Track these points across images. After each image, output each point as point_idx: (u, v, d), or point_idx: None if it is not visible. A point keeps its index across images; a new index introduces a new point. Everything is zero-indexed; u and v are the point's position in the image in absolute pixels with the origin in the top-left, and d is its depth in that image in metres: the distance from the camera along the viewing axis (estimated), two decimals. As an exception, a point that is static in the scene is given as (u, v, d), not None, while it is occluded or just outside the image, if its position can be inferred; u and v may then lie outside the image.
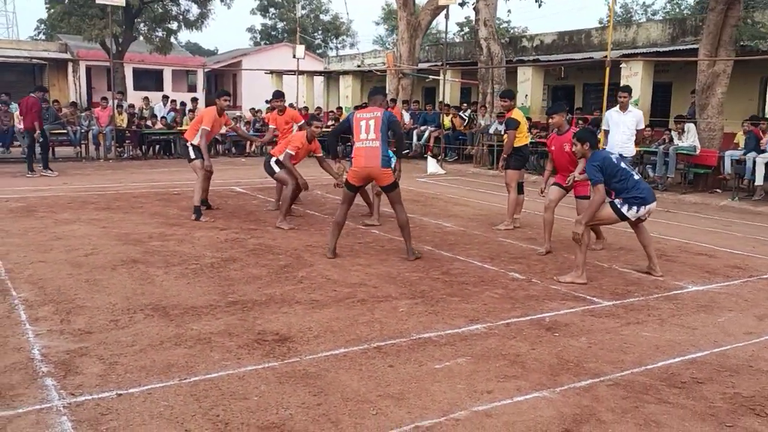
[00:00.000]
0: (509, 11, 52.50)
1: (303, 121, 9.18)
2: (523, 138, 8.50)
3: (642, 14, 48.80)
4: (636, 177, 6.01)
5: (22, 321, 4.46)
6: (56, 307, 4.75)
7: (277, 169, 8.22)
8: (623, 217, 6.03)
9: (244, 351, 4.06)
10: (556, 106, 7.22)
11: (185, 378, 3.62)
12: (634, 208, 5.94)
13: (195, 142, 8.35)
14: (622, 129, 8.94)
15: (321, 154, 8.48)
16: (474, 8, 16.99)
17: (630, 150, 8.99)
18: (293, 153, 8.12)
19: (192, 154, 8.45)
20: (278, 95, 9.42)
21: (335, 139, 7.18)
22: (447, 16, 16.75)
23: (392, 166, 6.56)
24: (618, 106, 8.95)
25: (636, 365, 4.06)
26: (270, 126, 9.69)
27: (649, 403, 3.53)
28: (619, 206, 5.95)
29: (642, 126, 9.03)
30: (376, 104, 6.66)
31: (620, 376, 3.88)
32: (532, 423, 3.27)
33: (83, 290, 5.20)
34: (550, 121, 7.18)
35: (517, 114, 8.41)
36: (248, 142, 16.88)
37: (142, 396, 3.39)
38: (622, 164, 6.03)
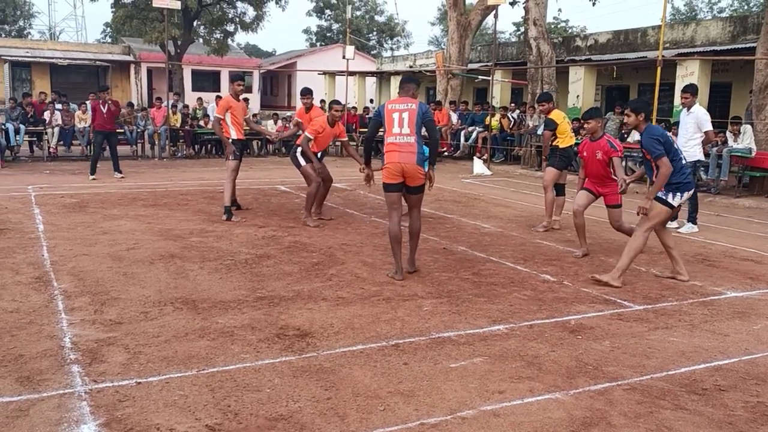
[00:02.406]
0: (560, 10, 51.58)
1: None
2: (567, 139, 8.39)
3: (708, 12, 47.38)
4: (684, 161, 5.90)
5: (59, 310, 4.68)
6: (92, 299, 4.96)
7: (302, 161, 8.15)
8: (671, 207, 5.89)
9: (264, 345, 4.16)
10: (592, 111, 7.08)
11: (203, 369, 3.74)
12: (678, 194, 5.82)
13: (234, 136, 8.39)
14: (682, 131, 8.72)
15: (346, 138, 8.35)
16: (524, 8, 16.80)
17: (689, 154, 8.61)
18: (312, 137, 8.00)
19: (230, 155, 8.45)
20: (306, 92, 9.21)
21: (371, 144, 6.38)
22: (496, 16, 16.64)
23: (425, 167, 6.03)
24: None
25: (658, 370, 3.97)
26: (295, 118, 9.73)
27: (664, 409, 3.45)
28: (664, 197, 5.82)
29: (706, 128, 8.42)
30: (408, 94, 5.93)
31: (639, 381, 3.80)
32: (540, 424, 3.25)
33: (120, 283, 5.41)
34: (586, 125, 7.01)
35: (556, 115, 8.31)
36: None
37: (159, 385, 3.51)
38: (675, 144, 5.96)
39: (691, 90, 8.48)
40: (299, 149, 8.24)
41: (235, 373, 3.71)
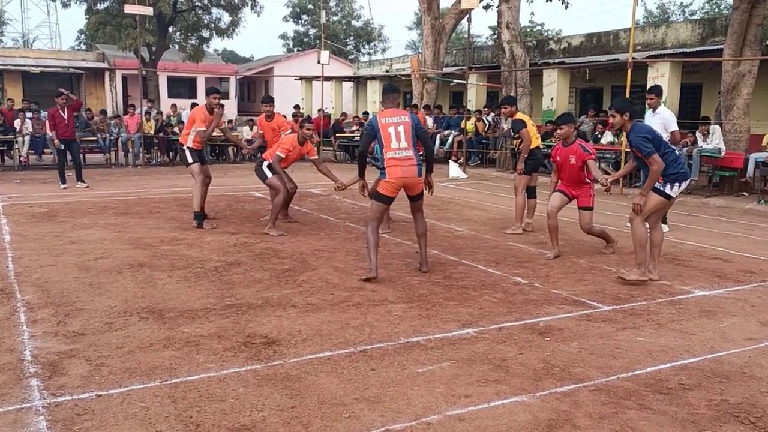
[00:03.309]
0: (532, 13, 52.12)
1: (290, 130, 8.94)
2: (534, 140, 8.43)
3: (680, 14, 47.97)
4: (676, 152, 5.96)
5: (20, 323, 4.59)
6: (56, 310, 4.87)
7: (269, 174, 8.07)
8: (669, 198, 5.97)
9: (230, 353, 4.11)
10: (565, 117, 7.15)
11: (166, 380, 3.68)
12: (677, 185, 5.91)
13: (189, 144, 8.31)
14: None
15: (316, 157, 8.30)
16: (497, 11, 16.88)
17: None
18: (283, 156, 7.97)
19: (189, 158, 8.33)
20: (267, 100, 9.20)
21: (365, 157, 6.42)
22: (469, 20, 16.71)
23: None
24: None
25: (624, 371, 3.99)
26: (258, 131, 9.70)
27: (629, 409, 3.46)
28: (662, 188, 5.89)
29: (673, 128, 8.53)
30: (395, 104, 6.19)
31: (605, 382, 3.81)
32: (505, 427, 3.24)
33: (85, 293, 5.32)
34: (558, 131, 7.06)
35: (520, 116, 8.39)
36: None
37: (120, 397, 3.45)
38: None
39: (655, 91, 8.58)
40: (265, 163, 8.12)
41: (199, 383, 3.66)
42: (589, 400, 3.57)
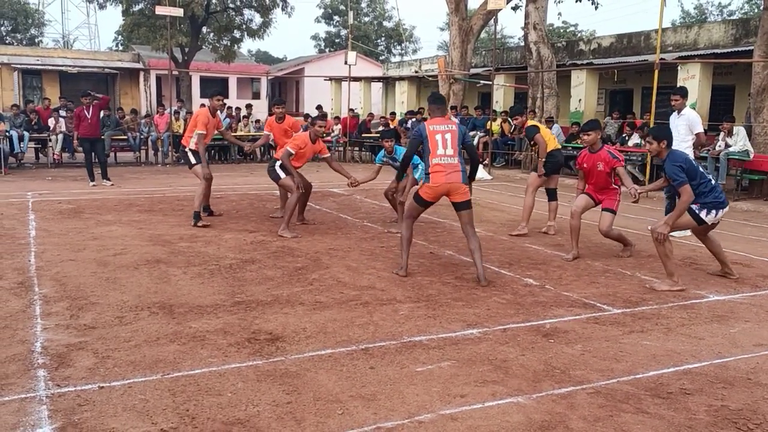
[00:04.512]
0: (559, 14, 51.59)
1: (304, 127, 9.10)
2: (551, 143, 8.41)
3: (718, 15, 47.04)
4: (713, 181, 5.93)
5: (35, 315, 4.72)
6: (70, 303, 5.01)
7: (282, 174, 8.03)
8: (701, 222, 5.95)
9: (233, 349, 4.18)
10: (592, 123, 7.10)
11: (168, 373, 3.76)
12: (713, 212, 5.88)
13: (192, 147, 8.46)
14: (673, 134, 8.65)
15: (328, 155, 8.29)
16: (525, 12, 16.78)
17: None
18: (293, 152, 7.89)
19: (193, 160, 8.50)
20: (278, 102, 9.33)
21: (409, 164, 6.54)
22: (495, 21, 16.63)
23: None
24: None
25: (625, 374, 3.95)
26: (264, 132, 9.79)
27: (625, 413, 3.44)
28: (697, 211, 5.87)
29: (698, 130, 8.40)
30: (443, 113, 6.22)
31: (604, 385, 3.79)
32: (496, 428, 3.25)
33: (100, 288, 5.45)
34: (585, 137, 6.98)
35: (532, 122, 8.45)
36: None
37: (122, 389, 3.54)
38: (700, 168, 5.95)
39: (680, 92, 8.45)
40: (278, 163, 8.09)
41: (199, 377, 3.73)
42: (585, 402, 3.55)
